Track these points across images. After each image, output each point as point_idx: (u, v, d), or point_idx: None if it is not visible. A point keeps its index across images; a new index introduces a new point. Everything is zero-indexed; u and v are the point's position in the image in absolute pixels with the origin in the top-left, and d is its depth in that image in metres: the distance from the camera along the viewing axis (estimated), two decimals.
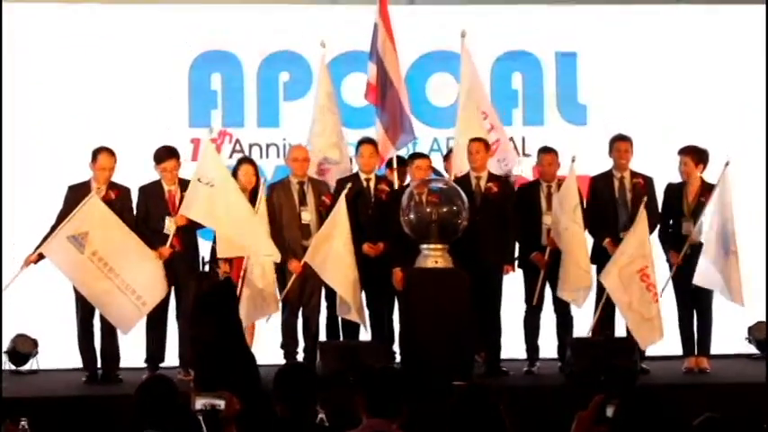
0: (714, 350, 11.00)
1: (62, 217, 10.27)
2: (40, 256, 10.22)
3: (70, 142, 11.50)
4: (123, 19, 12.19)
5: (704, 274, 10.62)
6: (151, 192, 10.63)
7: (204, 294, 9.53)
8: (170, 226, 10.45)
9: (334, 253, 10.43)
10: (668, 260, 10.85)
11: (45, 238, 10.22)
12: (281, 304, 10.58)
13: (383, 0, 11.45)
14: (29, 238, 10.44)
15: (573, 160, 10.70)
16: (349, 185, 10.66)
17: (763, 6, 12.26)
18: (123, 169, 10.75)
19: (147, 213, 10.59)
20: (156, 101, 12.13)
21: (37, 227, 10.45)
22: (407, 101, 11.48)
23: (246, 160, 11.04)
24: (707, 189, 10.80)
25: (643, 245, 10.57)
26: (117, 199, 10.45)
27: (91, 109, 11.98)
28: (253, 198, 10.58)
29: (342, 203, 10.50)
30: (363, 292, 10.63)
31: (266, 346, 10.73)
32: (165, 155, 10.63)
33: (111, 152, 10.49)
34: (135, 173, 10.87)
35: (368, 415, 5.56)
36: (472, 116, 11.40)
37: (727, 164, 10.73)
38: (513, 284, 10.96)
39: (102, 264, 10.17)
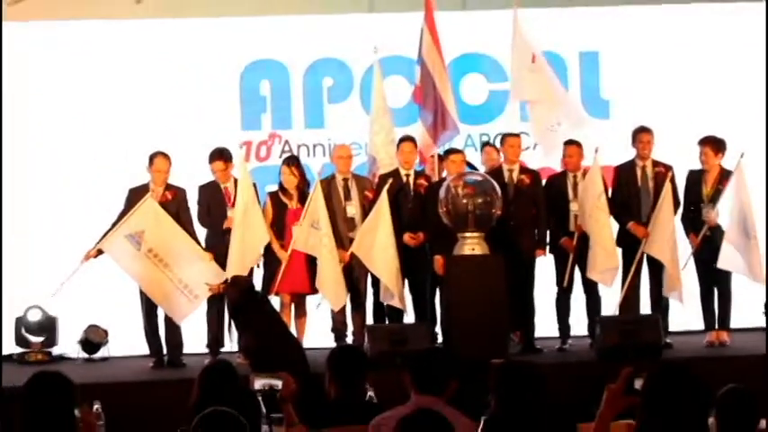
0: (733, 324, 10.95)
1: (122, 216, 10.37)
2: (99, 252, 10.33)
3: (133, 147, 11.52)
4: (182, 32, 12.27)
5: (728, 258, 10.59)
6: (210, 189, 10.70)
7: (233, 297, 9.61)
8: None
9: (378, 244, 10.46)
10: (690, 242, 10.81)
11: (104, 236, 10.31)
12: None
13: (429, 6, 11.46)
14: (94, 235, 10.51)
15: (596, 151, 10.68)
16: (390, 181, 10.67)
17: None
18: (182, 171, 10.83)
19: (208, 208, 10.64)
20: (211, 107, 12.16)
21: (102, 225, 10.53)
22: (452, 100, 11.48)
23: (287, 161, 10.93)
24: (725, 177, 10.75)
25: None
26: (174, 199, 10.54)
27: (151, 115, 12.05)
28: (300, 196, 10.62)
29: (384, 197, 10.52)
30: (406, 279, 10.64)
31: (318, 331, 10.77)
32: (214, 156, 10.69)
33: (166, 156, 10.56)
34: (192, 174, 10.94)
35: (416, 392, 5.59)
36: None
37: (742, 155, 10.68)
38: (544, 268, 10.95)
39: (157, 260, 10.28)
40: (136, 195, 10.45)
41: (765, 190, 11.43)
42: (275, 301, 10.49)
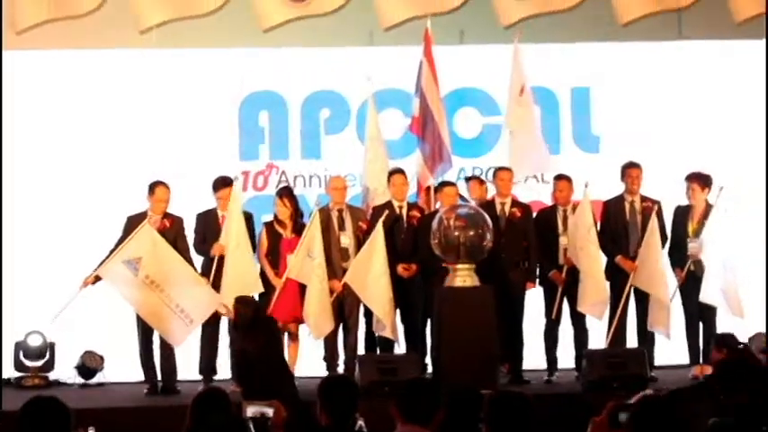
0: None
1: (120, 243, 10.41)
2: (97, 279, 10.36)
3: (132, 175, 11.56)
4: (183, 63, 12.36)
5: (708, 292, 10.63)
6: (207, 218, 10.74)
7: (247, 315, 9.61)
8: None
9: (372, 275, 10.49)
10: (676, 276, 10.85)
11: (102, 262, 10.35)
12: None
13: (428, 40, 11.58)
14: (92, 262, 10.53)
15: (586, 185, 10.76)
16: (387, 212, 10.72)
17: (762, 41, 12.32)
18: (180, 199, 10.87)
19: (204, 236, 10.67)
20: (210, 137, 12.22)
21: (101, 252, 10.55)
22: (447, 133, 11.58)
23: (279, 193, 10.94)
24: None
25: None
26: (171, 227, 10.59)
27: (151, 144, 12.10)
28: (294, 226, 10.66)
29: (379, 229, 10.56)
30: (398, 310, 10.67)
31: (310, 359, 10.79)
32: (220, 184, 10.72)
33: (166, 185, 10.62)
34: (191, 202, 10.98)
35: (402, 422, 5.60)
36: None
37: (721, 189, 10.73)
38: (533, 300, 10.98)
39: (154, 286, 10.30)
40: (134, 223, 10.48)
41: (765, 208, 11.53)
42: None
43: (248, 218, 10.74)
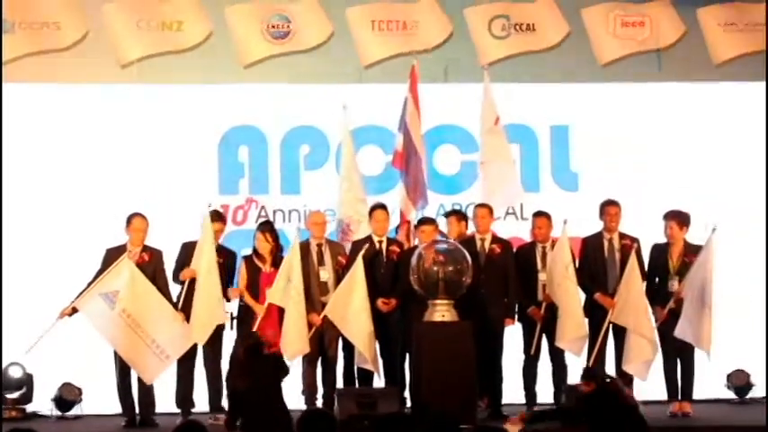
0: (696, 395, 10.95)
1: (99, 275, 10.35)
2: (74, 310, 10.29)
3: (112, 208, 11.50)
4: (164, 98, 12.35)
5: (683, 327, 10.62)
6: (191, 249, 10.66)
7: (238, 352, 9.50)
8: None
9: (352, 308, 10.47)
10: (654, 314, 10.83)
11: (80, 294, 10.29)
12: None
13: (414, 77, 11.67)
14: (70, 294, 10.47)
15: (564, 222, 10.77)
16: (367, 246, 10.71)
17: (735, 83, 12.46)
18: (160, 233, 10.83)
19: (183, 266, 10.61)
20: (190, 172, 12.20)
21: (79, 284, 10.49)
22: (425, 169, 11.64)
23: (260, 228, 10.91)
24: (690, 250, 10.83)
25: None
26: (150, 261, 10.54)
27: (131, 178, 12.07)
28: (274, 260, 10.62)
29: (359, 263, 10.54)
30: (377, 343, 10.63)
31: (289, 392, 10.71)
32: (215, 217, 10.69)
33: (143, 216, 10.59)
34: (171, 236, 10.92)
35: None
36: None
37: (714, 229, 10.73)
38: (512, 335, 10.96)
39: (130, 320, 10.27)
40: (113, 255, 10.44)
41: (765, 244, 11.58)
42: None
43: (159, 257, 10.65)
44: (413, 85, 11.77)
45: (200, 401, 10.65)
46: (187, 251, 10.66)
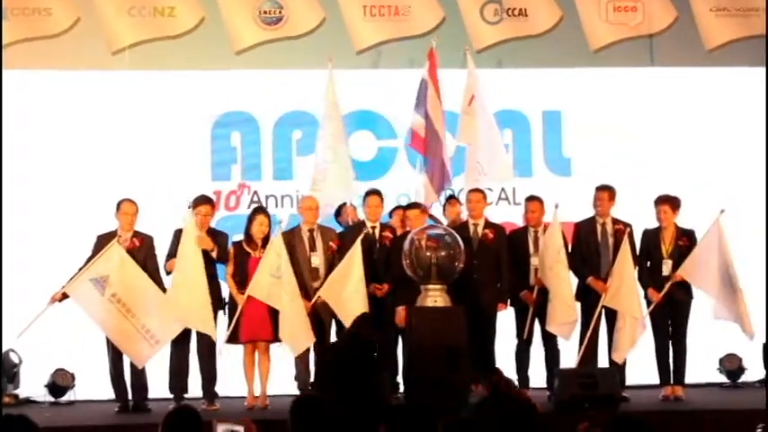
0: (688, 379, 10.94)
1: (89, 261, 10.29)
2: (65, 296, 10.25)
3: (104, 195, 11.43)
4: (156, 84, 12.31)
5: (720, 309, 10.65)
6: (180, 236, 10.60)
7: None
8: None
9: (347, 292, 10.44)
10: (646, 297, 10.81)
11: (70, 280, 10.25)
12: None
13: (433, 60, 11.65)
14: (61, 280, 10.41)
15: (556, 207, 10.74)
16: (366, 231, 10.74)
17: (727, 68, 12.51)
18: (151, 219, 10.79)
19: (174, 254, 10.56)
20: (183, 157, 12.16)
21: (70, 270, 10.44)
22: (448, 153, 11.62)
23: (261, 211, 10.95)
24: (682, 233, 10.82)
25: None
26: (141, 246, 10.49)
27: (123, 164, 12.03)
28: (264, 245, 10.58)
29: (358, 246, 10.51)
30: None
31: (281, 378, 10.71)
32: (201, 200, 10.64)
33: (132, 201, 10.55)
34: (163, 222, 10.87)
35: None
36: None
37: (722, 211, 10.70)
38: (505, 320, 10.93)
39: (120, 305, 10.22)
40: (103, 241, 10.39)
41: (765, 216, 11.63)
42: (238, 348, 10.48)
43: (149, 242, 10.58)
44: (432, 68, 11.69)
45: (194, 387, 10.61)
46: (178, 238, 10.60)
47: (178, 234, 10.58)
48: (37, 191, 11.94)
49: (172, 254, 10.53)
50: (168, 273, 10.52)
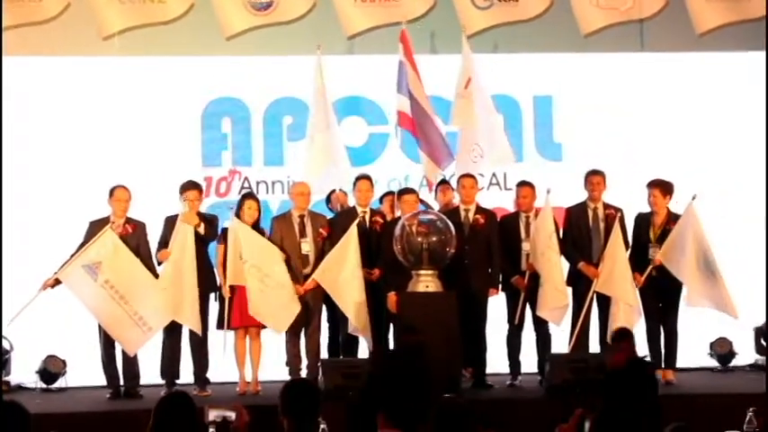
0: (679, 364, 10.95)
1: (82, 247, 10.27)
2: (57, 282, 10.21)
3: (95, 181, 11.42)
4: (146, 70, 12.27)
5: (694, 297, 10.65)
6: (172, 222, 10.58)
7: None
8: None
9: (343, 278, 10.43)
10: (635, 281, 10.81)
11: (62, 266, 10.22)
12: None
13: (406, 43, 11.63)
14: (53, 266, 10.37)
15: (548, 192, 10.72)
16: (361, 216, 10.73)
17: (718, 53, 12.54)
18: (143, 205, 10.76)
19: (166, 243, 10.54)
20: (173, 144, 12.13)
21: (62, 256, 10.41)
22: (441, 129, 11.60)
23: (250, 196, 10.93)
24: (673, 219, 10.81)
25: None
26: (134, 233, 10.46)
27: (114, 150, 12.01)
28: (256, 230, 10.58)
29: (353, 231, 10.51)
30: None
31: (272, 364, 10.70)
32: (188, 186, 10.63)
33: (125, 187, 10.52)
34: (154, 208, 10.85)
35: (385, 424, 5.61)
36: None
37: (694, 197, 10.70)
38: (496, 305, 10.92)
39: (113, 291, 10.19)
40: (96, 228, 10.36)
41: (765, 209, 11.64)
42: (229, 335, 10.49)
43: (142, 229, 10.56)
44: (407, 51, 11.65)
45: (185, 373, 10.61)
46: (168, 226, 10.58)
47: (168, 221, 10.56)
48: (26, 177, 11.90)
49: (163, 243, 10.51)
50: (159, 263, 10.49)
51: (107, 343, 10.41)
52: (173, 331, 10.47)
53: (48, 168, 11.96)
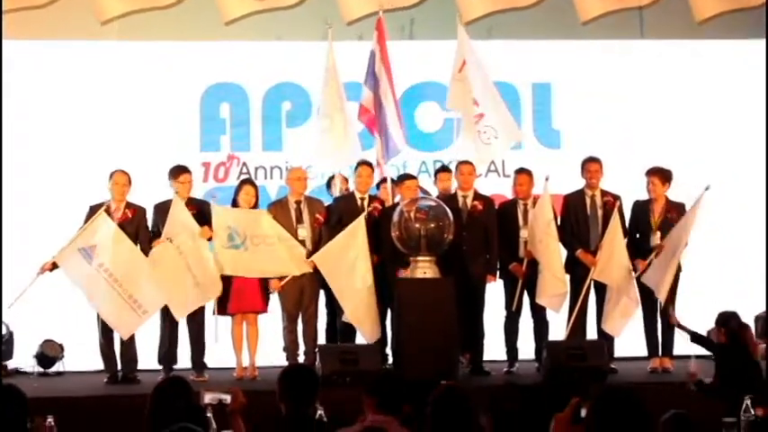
0: (676, 351, 10.94)
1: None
2: (55, 266, 10.20)
3: (94, 165, 11.43)
4: (145, 55, 12.29)
5: (648, 275, 10.67)
6: (164, 209, 10.56)
7: None
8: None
9: (344, 264, 10.40)
10: (634, 267, 10.81)
11: (61, 249, 10.21)
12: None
13: (381, 30, 11.47)
14: (52, 250, 10.35)
15: (546, 179, 10.71)
16: (374, 205, 10.70)
17: (717, 41, 12.56)
18: (142, 190, 10.74)
19: (159, 231, 10.52)
20: (171, 128, 12.12)
21: (61, 240, 10.39)
22: (399, 116, 11.39)
23: (247, 181, 10.93)
24: (672, 206, 10.81)
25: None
26: (133, 218, 10.45)
27: (113, 135, 12.00)
28: None
29: (361, 221, 10.50)
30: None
31: (270, 349, 10.70)
32: (179, 170, 10.62)
33: (124, 172, 10.49)
34: (153, 193, 10.84)
35: (374, 412, 5.61)
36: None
37: (707, 188, 10.67)
38: (494, 292, 10.92)
39: (107, 274, 10.16)
40: (95, 211, 10.33)
41: (765, 201, 11.63)
42: (227, 320, 10.48)
43: (142, 214, 10.55)
44: (380, 39, 11.50)
45: (183, 358, 10.61)
46: (159, 212, 10.56)
47: (158, 209, 10.54)
48: (26, 161, 11.88)
49: (156, 232, 10.48)
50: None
51: (105, 327, 10.39)
52: (170, 316, 10.46)
53: (45, 152, 11.94)
